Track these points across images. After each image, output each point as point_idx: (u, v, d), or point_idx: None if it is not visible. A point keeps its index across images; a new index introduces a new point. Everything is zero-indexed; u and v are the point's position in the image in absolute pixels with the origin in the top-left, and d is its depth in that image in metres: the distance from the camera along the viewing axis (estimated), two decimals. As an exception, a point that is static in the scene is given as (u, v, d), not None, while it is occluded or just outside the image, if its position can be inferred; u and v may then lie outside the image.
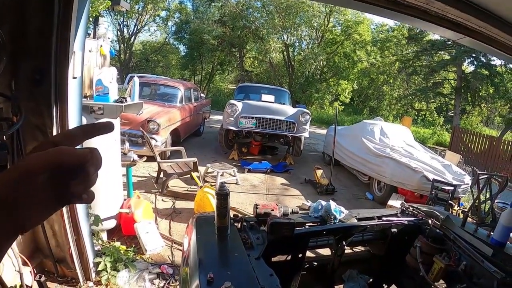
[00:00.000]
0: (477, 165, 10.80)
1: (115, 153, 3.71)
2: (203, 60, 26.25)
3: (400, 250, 2.48)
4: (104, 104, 3.27)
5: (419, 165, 6.00)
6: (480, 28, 1.74)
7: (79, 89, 2.67)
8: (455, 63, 18.89)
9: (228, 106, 7.95)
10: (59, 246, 2.89)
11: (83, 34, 2.53)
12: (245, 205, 5.53)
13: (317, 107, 24.37)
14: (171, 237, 4.14)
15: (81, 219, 2.84)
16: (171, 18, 27.34)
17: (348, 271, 2.53)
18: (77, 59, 2.51)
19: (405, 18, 1.84)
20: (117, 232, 3.97)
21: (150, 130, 6.54)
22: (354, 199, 6.73)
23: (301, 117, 7.96)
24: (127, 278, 3.11)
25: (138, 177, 6.12)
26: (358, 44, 23.00)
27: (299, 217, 2.31)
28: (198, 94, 10.65)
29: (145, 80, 9.19)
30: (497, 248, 1.99)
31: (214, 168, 6.22)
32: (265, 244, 1.85)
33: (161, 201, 5.26)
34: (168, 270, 3.37)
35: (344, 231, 2.25)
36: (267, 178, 7.31)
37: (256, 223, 2.09)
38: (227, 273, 1.50)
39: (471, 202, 5.83)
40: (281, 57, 24.41)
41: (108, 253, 3.16)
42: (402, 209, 2.71)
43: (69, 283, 2.99)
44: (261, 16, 22.06)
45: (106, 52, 3.87)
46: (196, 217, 2.08)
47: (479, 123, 23.73)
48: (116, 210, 3.84)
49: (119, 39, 26.40)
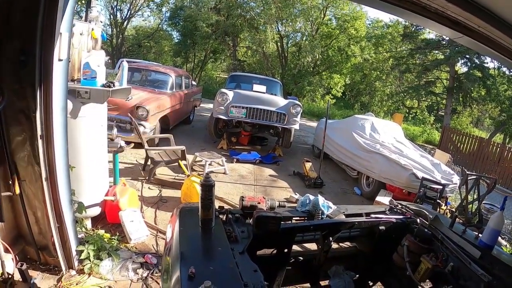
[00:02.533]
0: (465, 166, 10.90)
1: (101, 138, 3.63)
2: (196, 47, 25.92)
3: (387, 248, 2.46)
4: (91, 88, 3.19)
5: (408, 162, 6.01)
6: (480, 28, 1.70)
7: (65, 72, 2.58)
8: (449, 63, 18.98)
9: (219, 94, 7.88)
10: (41, 234, 2.83)
11: (70, 15, 2.44)
12: (232, 195, 5.49)
13: (309, 100, 24.33)
14: (157, 226, 4.08)
15: (64, 207, 2.77)
16: (166, 4, 26.95)
17: (334, 267, 2.51)
18: (64, 41, 2.42)
19: (403, 13, 1.80)
20: (102, 220, 3.91)
21: (139, 116, 6.44)
22: (342, 193, 6.74)
23: (292, 109, 7.91)
24: (110, 267, 3.05)
25: (125, 164, 6.04)
26: (352, 39, 22.96)
27: (286, 211, 2.28)
28: (189, 81, 10.52)
29: (136, 66, 9.05)
30: (485, 251, 1.98)
31: (203, 157, 6.17)
32: (250, 238, 1.82)
33: (148, 189, 5.18)
34: (152, 259, 3.33)
35: (331, 227, 2.22)
36: (256, 169, 7.27)
37: (241, 216, 2.06)
38: (209, 268, 1.45)
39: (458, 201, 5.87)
40: (275, 48, 24.27)
41: (92, 241, 3.11)
42: (390, 206, 2.70)
43: (51, 271, 2.93)
44: (257, 6, 21.86)
45: (98, 36, 3.76)
46: (180, 207, 2.03)
47: (469, 123, 23.99)
48: (101, 197, 3.77)
49: (112, 23, 25.94)
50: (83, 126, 3.32)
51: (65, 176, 2.81)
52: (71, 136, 2.94)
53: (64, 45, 2.44)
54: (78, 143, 3.27)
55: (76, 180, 3.16)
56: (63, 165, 2.76)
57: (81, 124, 3.28)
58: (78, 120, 3.19)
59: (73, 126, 3.14)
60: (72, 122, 3.09)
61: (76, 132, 3.21)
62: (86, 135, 3.38)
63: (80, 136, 3.29)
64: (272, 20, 21.16)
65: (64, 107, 2.67)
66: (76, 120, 3.17)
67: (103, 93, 3.27)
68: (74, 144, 3.14)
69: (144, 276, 3.11)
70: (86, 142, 3.39)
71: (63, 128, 2.70)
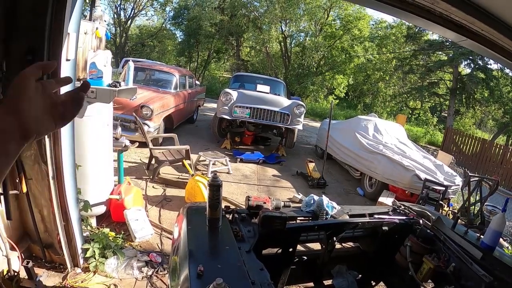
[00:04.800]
0: (468, 167, 10.90)
1: (106, 137, 3.66)
2: (199, 47, 26.03)
3: (390, 248, 2.48)
4: (97, 88, 3.21)
5: (411, 163, 6.02)
6: (483, 32, 1.72)
7: (73, 72, 2.61)
8: (452, 64, 18.95)
9: (222, 94, 7.89)
10: (47, 232, 2.85)
11: (78, 15, 2.46)
12: (236, 195, 5.52)
13: (312, 100, 24.31)
14: (161, 225, 4.11)
15: (70, 205, 2.80)
16: (169, 4, 27.02)
17: (337, 266, 2.54)
18: (71, 41, 2.44)
19: (407, 16, 1.82)
20: (107, 218, 3.94)
21: (143, 115, 6.47)
22: (345, 194, 6.75)
23: (296, 109, 7.93)
24: (115, 265, 3.08)
25: (129, 163, 6.07)
26: (356, 39, 22.93)
27: (291, 211, 2.30)
28: (193, 81, 10.56)
29: (140, 65, 9.08)
30: (486, 252, 2.00)
31: (206, 156, 6.19)
32: (256, 237, 1.84)
33: (152, 188, 5.22)
34: (157, 258, 3.35)
35: (335, 227, 2.25)
36: (259, 169, 7.29)
37: (247, 215, 2.08)
38: (217, 266, 1.48)
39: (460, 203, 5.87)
40: (278, 48, 24.29)
41: (97, 239, 3.13)
42: (393, 207, 2.72)
43: (56, 269, 2.96)
44: (261, 6, 21.88)
45: (102, 35, 3.78)
46: (187, 207, 2.06)
47: (472, 125, 23.92)
48: (106, 196, 3.79)
49: (116, 22, 26.07)
50: (89, 125, 3.35)
51: (72, 174, 2.84)
52: (77, 135, 2.97)
53: (72, 45, 2.46)
54: (84, 142, 3.31)
55: (81, 178, 3.19)
56: (70, 164, 2.78)
57: (87, 124, 3.30)
58: (84, 119, 3.21)
59: (80, 125, 3.17)
60: (78, 122, 3.11)
61: (82, 131, 3.24)
62: (92, 134, 3.41)
63: (86, 135, 3.32)
64: (276, 20, 21.17)
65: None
66: (83, 119, 3.19)
67: (110, 92, 3.29)
68: (80, 143, 3.17)
69: (149, 274, 3.14)
70: (92, 141, 3.42)
71: (70, 127, 2.72)
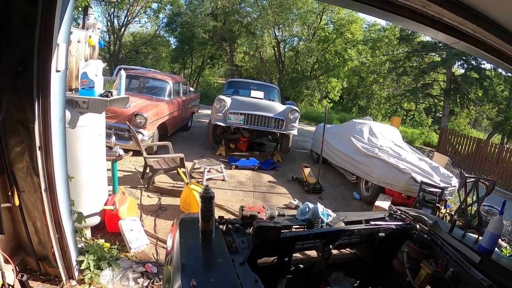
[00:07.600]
0: (464, 167, 10.92)
1: (99, 148, 3.62)
2: (193, 53, 26.05)
3: (387, 254, 2.46)
4: (89, 98, 3.18)
5: (407, 166, 6.01)
6: (475, 33, 1.72)
7: (63, 83, 2.59)
8: (445, 65, 19.11)
9: (216, 101, 7.88)
10: (41, 244, 2.82)
11: (67, 26, 2.45)
12: (231, 202, 5.49)
13: (306, 104, 24.34)
14: (156, 234, 4.07)
15: (63, 217, 2.77)
16: (163, 11, 27.07)
17: (334, 274, 2.51)
18: (61, 51, 2.42)
19: (400, 20, 1.82)
20: (101, 229, 3.90)
21: (137, 124, 6.44)
22: (341, 198, 6.72)
23: (290, 115, 7.93)
24: (110, 277, 3.05)
25: (123, 172, 6.03)
26: (349, 43, 23.02)
27: (285, 220, 2.28)
28: (187, 88, 10.55)
29: (133, 73, 9.08)
30: (485, 255, 1.98)
31: (201, 164, 6.16)
32: (250, 248, 1.81)
33: (147, 197, 5.17)
34: (153, 268, 3.32)
35: (331, 235, 2.22)
36: (254, 175, 7.27)
37: (241, 226, 2.05)
38: (210, 280, 1.45)
39: (457, 204, 5.86)
40: (272, 53, 24.34)
41: (92, 251, 3.10)
42: (390, 212, 2.70)
43: (52, 281, 2.92)
44: (254, 11, 21.95)
45: (95, 43, 3.78)
46: (180, 218, 2.03)
47: (467, 125, 24.07)
48: (100, 206, 3.75)
49: (109, 30, 26.03)
50: (82, 136, 3.31)
51: (64, 186, 2.81)
52: (70, 146, 2.94)
53: (61, 56, 2.44)
54: (77, 153, 3.27)
55: (75, 189, 3.16)
56: (62, 175, 2.76)
57: (79, 134, 3.27)
58: (76, 130, 3.19)
59: (72, 136, 3.13)
60: (70, 132, 3.08)
61: (74, 142, 3.20)
62: (85, 145, 3.37)
63: (78, 146, 3.28)
64: (269, 25, 21.24)
65: (62, 118, 2.67)
66: (75, 130, 3.17)
67: (101, 103, 3.27)
68: (73, 154, 3.13)
69: (144, 285, 3.10)
70: (84, 151, 3.38)
71: (62, 139, 2.70)
